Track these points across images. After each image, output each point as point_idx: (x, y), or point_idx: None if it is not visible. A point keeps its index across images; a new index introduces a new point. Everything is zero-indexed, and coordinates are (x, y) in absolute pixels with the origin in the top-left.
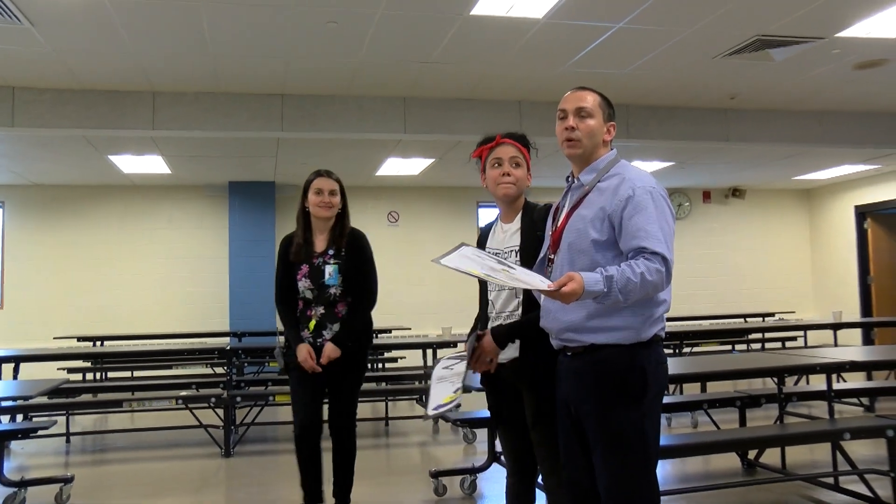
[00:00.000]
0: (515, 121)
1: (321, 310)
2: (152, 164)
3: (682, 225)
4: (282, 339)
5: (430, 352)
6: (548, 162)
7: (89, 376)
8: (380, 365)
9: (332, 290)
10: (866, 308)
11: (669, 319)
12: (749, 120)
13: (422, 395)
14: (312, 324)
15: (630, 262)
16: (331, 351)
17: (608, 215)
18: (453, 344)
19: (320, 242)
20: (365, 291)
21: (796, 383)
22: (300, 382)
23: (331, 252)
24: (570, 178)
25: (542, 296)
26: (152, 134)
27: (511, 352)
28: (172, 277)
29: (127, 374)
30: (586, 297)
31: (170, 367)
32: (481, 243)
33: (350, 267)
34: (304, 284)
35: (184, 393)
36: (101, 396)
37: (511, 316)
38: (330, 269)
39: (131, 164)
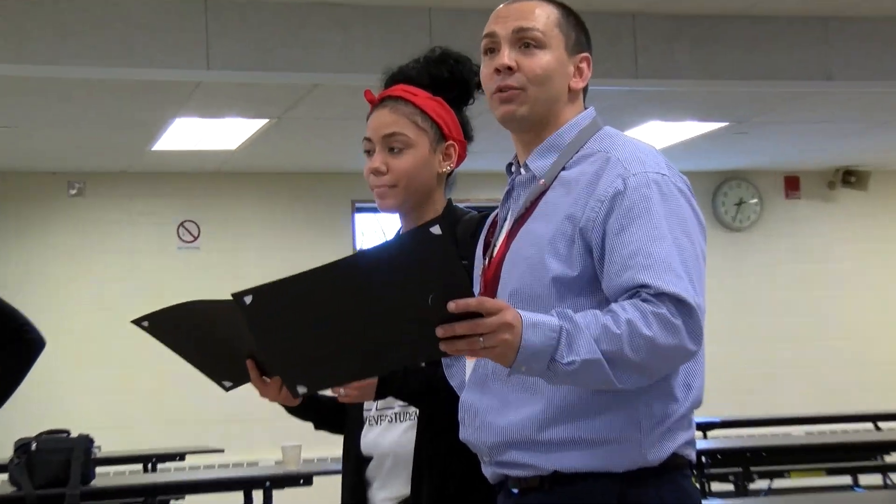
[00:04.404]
0: (420, 44)
1: None
2: None
3: (743, 240)
4: None
5: (258, 494)
6: (483, 122)
7: None
8: None
9: None
10: None
11: (723, 425)
12: (871, 40)
13: None
14: None
15: (613, 307)
16: None
17: (580, 229)
18: (305, 479)
19: None
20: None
21: None
22: None
23: None
24: (512, 167)
25: (468, 380)
26: None
27: (399, 487)
28: None
29: None
30: (525, 357)
31: None
32: None
33: None
34: None
35: None
36: None
37: (405, 414)
38: None
39: None
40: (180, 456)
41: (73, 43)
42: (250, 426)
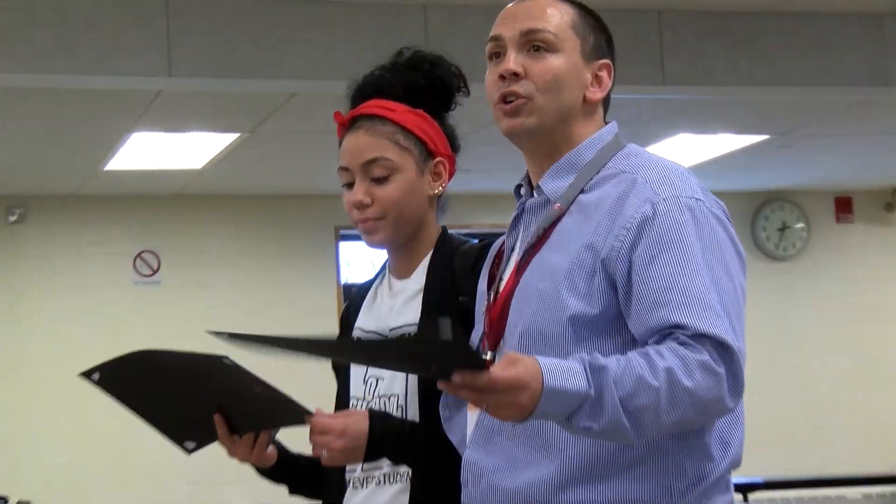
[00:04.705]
0: (415, 45)
1: None
2: None
3: (788, 271)
4: None
5: None
6: (486, 136)
7: None
8: None
9: None
10: None
11: (766, 486)
12: None
13: None
14: None
15: (649, 352)
16: None
17: (602, 260)
18: None
19: None
20: None
21: None
22: None
23: None
24: (522, 189)
25: (470, 436)
26: None
27: None
28: None
29: None
30: (545, 410)
31: None
32: (347, 322)
33: None
34: None
35: None
36: None
37: (395, 475)
38: None
39: None
40: None
41: (9, 46)
42: (219, 489)
